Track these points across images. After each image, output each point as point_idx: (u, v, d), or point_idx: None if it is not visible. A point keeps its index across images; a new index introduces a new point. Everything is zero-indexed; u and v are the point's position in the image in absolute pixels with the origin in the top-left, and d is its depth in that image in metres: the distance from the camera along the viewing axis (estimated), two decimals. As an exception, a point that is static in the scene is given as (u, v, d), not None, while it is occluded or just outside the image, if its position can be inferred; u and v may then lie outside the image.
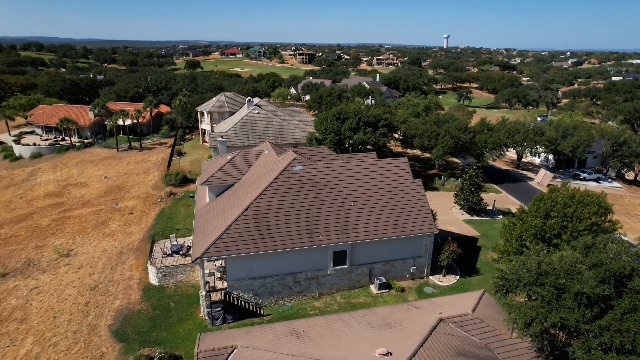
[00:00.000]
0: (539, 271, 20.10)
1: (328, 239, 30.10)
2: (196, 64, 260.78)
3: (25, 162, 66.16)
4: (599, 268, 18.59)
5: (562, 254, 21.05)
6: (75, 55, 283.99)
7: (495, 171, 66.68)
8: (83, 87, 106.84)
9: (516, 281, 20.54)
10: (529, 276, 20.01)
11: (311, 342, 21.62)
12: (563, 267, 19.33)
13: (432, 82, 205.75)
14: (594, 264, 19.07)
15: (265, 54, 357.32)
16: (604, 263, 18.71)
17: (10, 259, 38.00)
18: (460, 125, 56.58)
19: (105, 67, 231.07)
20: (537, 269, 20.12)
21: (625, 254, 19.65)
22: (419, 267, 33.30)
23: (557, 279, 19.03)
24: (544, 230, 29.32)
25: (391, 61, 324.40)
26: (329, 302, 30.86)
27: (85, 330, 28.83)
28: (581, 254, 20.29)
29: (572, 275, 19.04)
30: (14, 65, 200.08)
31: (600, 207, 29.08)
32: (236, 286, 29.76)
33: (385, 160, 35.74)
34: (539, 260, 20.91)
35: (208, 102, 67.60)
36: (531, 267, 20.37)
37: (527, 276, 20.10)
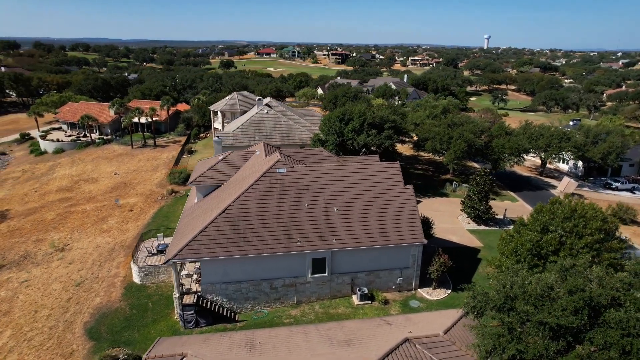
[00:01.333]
0: (510, 294, 18.01)
1: (306, 245, 28.81)
2: (230, 64, 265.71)
3: (49, 157, 68.84)
4: (573, 295, 16.35)
5: (541, 275, 18.86)
6: (117, 55, 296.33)
7: (515, 177, 62.95)
8: (114, 85, 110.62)
9: (484, 303, 18.52)
10: (497, 299, 17.95)
11: (261, 356, 20.50)
12: (535, 292, 17.18)
13: (467, 83, 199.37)
14: (570, 290, 16.81)
15: (299, 54, 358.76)
16: (579, 289, 16.43)
17: (11, 251, 39.17)
18: (475, 129, 53.60)
19: (143, 66, 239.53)
20: (506, 292, 18.03)
21: (611, 278, 17.26)
22: (407, 278, 31.38)
23: (526, 305, 16.92)
24: (540, 246, 26.75)
25: (426, 62, 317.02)
26: (306, 311, 29.57)
27: (61, 327, 29.00)
28: (559, 278, 18.01)
29: (544, 301, 16.88)
30: (60, 64, 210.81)
31: (604, 222, 26.19)
32: (210, 290, 29.05)
33: (376, 164, 34.00)
34: (512, 282, 18.80)
35: (221, 102, 67.81)
36: (500, 289, 18.30)
37: (496, 299, 18.06)
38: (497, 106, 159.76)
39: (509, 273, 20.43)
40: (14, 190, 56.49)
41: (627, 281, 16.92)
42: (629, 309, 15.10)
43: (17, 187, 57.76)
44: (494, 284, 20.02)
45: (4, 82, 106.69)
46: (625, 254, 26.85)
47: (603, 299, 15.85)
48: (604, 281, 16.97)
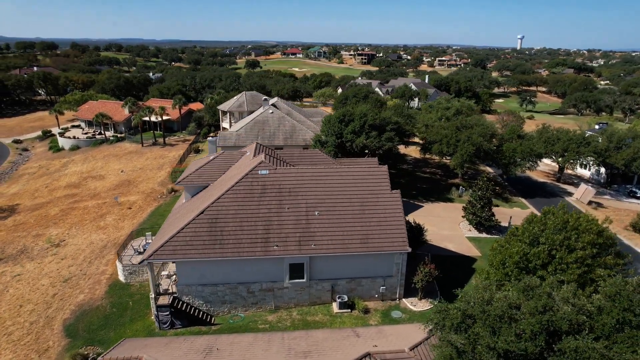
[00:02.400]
0: (468, 313, 16.66)
1: (283, 249, 28.03)
2: (256, 64, 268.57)
3: (65, 153, 70.95)
4: (531, 318, 14.88)
5: (507, 294, 17.39)
6: (147, 55, 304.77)
7: (529, 183, 60.05)
8: (136, 84, 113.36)
9: (442, 320, 17.24)
10: (455, 317, 16.64)
11: (214, 364, 19.86)
12: (495, 312, 15.77)
13: (494, 84, 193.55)
14: (531, 312, 15.33)
15: (324, 54, 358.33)
16: (539, 312, 14.93)
17: (11, 245, 40.26)
18: (484, 132, 51.33)
19: (171, 66, 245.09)
20: (464, 310, 16.69)
21: (579, 300, 15.63)
22: (390, 287, 30.08)
23: (482, 326, 15.55)
24: (528, 259, 24.94)
25: (454, 62, 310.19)
26: (283, 317, 28.80)
27: (42, 322, 29.38)
28: (523, 297, 16.49)
29: (502, 323, 15.46)
30: (93, 64, 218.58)
31: (599, 236, 24.14)
32: (186, 291, 28.73)
33: (362, 167, 32.81)
34: (475, 299, 17.43)
35: (229, 101, 67.96)
36: (459, 307, 16.98)
37: (453, 317, 16.74)
38: (525, 108, 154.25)
39: (479, 289, 19.08)
40: (27, 186, 58.40)
41: (597, 304, 15.25)
42: (587, 337, 13.53)
43: (30, 182, 59.70)
44: (461, 300, 18.75)
45: (34, 81, 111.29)
46: (624, 269, 24.63)
47: (564, 323, 14.31)
48: (571, 303, 15.38)
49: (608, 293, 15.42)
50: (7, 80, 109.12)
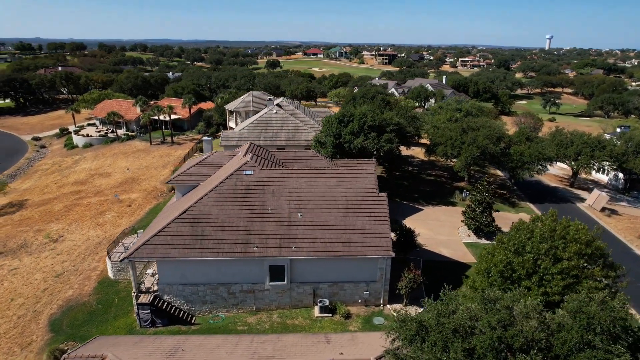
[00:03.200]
0: (424, 324, 15.88)
1: (263, 251, 27.69)
2: (276, 64, 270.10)
3: (78, 151, 72.82)
4: (482, 334, 14.01)
5: (470, 306, 16.50)
6: (170, 55, 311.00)
7: (540, 188, 57.89)
8: (153, 83, 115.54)
9: (397, 332, 16.51)
10: (409, 329, 15.89)
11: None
12: (448, 325, 14.96)
13: (517, 85, 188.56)
14: (484, 327, 14.44)
15: (345, 54, 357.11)
16: (492, 328, 14.04)
17: (13, 239, 41.40)
18: (490, 134, 49.68)
19: (193, 65, 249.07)
20: (420, 321, 15.92)
21: (538, 314, 14.63)
22: (374, 293, 29.32)
23: (434, 340, 14.77)
24: (513, 268, 23.78)
25: (477, 63, 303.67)
26: (263, 320, 28.47)
27: (29, 316, 29.97)
28: (481, 310, 15.59)
29: (454, 337, 14.63)
30: (117, 64, 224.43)
31: (587, 246, 22.77)
32: (167, 290, 28.76)
33: (349, 169, 32.16)
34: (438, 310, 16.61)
35: (235, 101, 68.24)
36: (416, 318, 16.21)
37: (408, 328, 16.00)
38: (548, 110, 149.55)
39: (445, 299, 18.23)
40: (39, 182, 60.14)
41: (557, 321, 14.23)
42: (535, 356, 12.59)
43: (42, 178, 61.46)
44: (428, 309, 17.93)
45: (56, 81, 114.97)
46: (616, 282, 23.17)
47: (517, 340, 13.39)
48: (531, 318, 14.40)
49: (570, 309, 14.37)
50: (32, 79, 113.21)
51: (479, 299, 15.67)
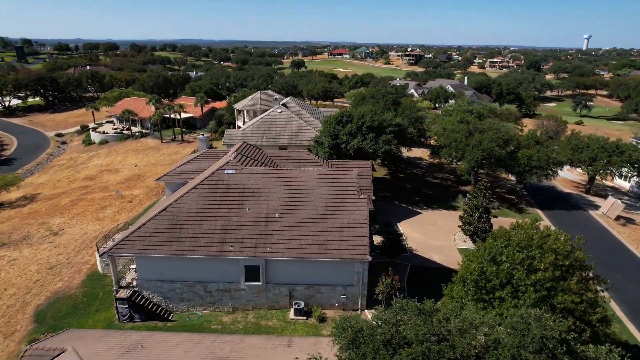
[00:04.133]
0: (361, 333, 15.27)
1: (238, 251, 27.57)
2: (301, 64, 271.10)
3: (94, 147, 75.18)
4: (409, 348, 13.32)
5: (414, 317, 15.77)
6: (198, 54, 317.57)
7: (551, 194, 55.42)
8: (174, 82, 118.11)
9: (336, 338, 15.97)
10: (347, 335, 15.34)
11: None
12: (380, 336, 14.31)
13: (546, 87, 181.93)
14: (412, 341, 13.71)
15: (371, 54, 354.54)
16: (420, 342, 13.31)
17: (18, 230, 43.03)
18: (497, 136, 47.86)
19: (219, 65, 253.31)
20: (357, 330, 15.32)
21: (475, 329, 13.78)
22: (351, 297, 28.68)
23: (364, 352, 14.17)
24: (487, 278, 22.67)
25: (506, 64, 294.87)
26: (238, 319, 28.36)
27: (18, 306, 30.98)
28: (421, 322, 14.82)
29: (385, 349, 13.98)
30: (146, 63, 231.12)
31: (565, 257, 21.44)
32: (146, 286, 29.08)
33: (331, 171, 31.61)
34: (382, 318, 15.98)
35: (243, 100, 68.72)
36: (355, 325, 15.63)
37: (346, 335, 15.44)
38: (579, 113, 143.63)
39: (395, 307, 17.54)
40: (53, 176, 62.41)
41: (493, 337, 13.33)
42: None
43: (57, 173, 63.74)
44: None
45: (82, 79, 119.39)
46: (595, 296, 21.69)
47: (442, 356, 12.64)
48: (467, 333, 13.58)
49: (509, 325, 13.44)
50: (60, 78, 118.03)
51: (414, 311, 14.90)
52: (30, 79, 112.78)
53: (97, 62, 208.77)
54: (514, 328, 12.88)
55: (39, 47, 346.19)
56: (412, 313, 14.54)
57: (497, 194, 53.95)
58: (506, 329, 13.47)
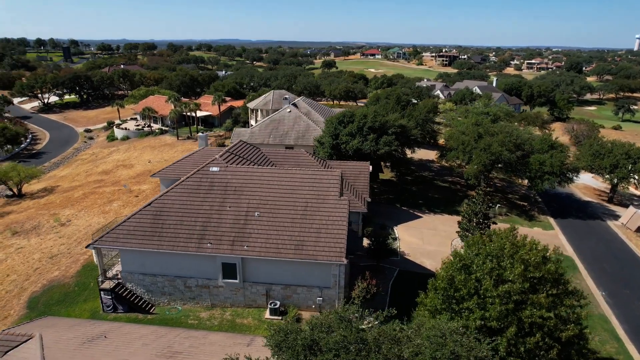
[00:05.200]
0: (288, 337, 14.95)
1: (215, 248, 27.80)
2: (332, 64, 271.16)
3: (116, 143, 78.11)
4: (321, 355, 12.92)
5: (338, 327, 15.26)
6: (231, 54, 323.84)
7: (569, 201, 52.60)
8: (201, 81, 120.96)
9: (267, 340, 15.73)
10: (272, 340, 15.08)
11: (80, 349, 20.32)
12: (301, 341, 13.97)
13: (586, 90, 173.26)
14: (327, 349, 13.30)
15: (404, 55, 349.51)
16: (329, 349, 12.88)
17: (31, 220, 45.24)
18: (506, 140, 45.89)
19: (252, 65, 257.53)
20: (286, 332, 15.03)
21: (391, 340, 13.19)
22: (328, 299, 28.28)
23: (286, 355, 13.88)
24: (456, 287, 21.72)
25: (544, 66, 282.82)
26: (215, 316, 28.62)
27: (15, 292, 32.54)
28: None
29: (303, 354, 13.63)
30: (181, 62, 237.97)
31: (536, 269, 20.19)
32: (129, 279, 29.85)
33: (314, 171, 31.26)
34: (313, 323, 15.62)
35: (257, 99, 69.33)
36: (283, 328, 15.34)
37: (273, 337, 15.19)
38: (621, 117, 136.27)
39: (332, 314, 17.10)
40: (74, 170, 65.30)
41: (412, 350, 12.69)
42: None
43: (78, 167, 66.65)
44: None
45: (114, 78, 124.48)
46: (569, 311, 20.26)
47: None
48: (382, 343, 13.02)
49: (424, 337, 12.75)
50: (94, 76, 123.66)
51: (335, 318, 14.43)
52: (67, 78, 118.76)
53: (134, 62, 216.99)
54: (430, 341, 12.20)
55: (84, 47, 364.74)
56: (335, 320, 14.09)
57: (509, 200, 51.82)
58: (423, 342, 12.79)
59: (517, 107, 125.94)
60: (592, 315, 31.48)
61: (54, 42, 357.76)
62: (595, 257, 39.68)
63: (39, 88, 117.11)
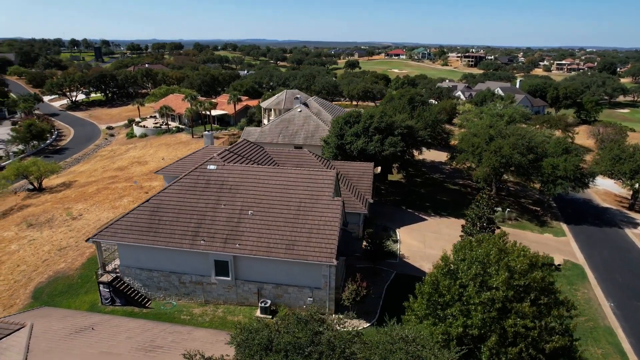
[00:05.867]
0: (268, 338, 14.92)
1: (208, 245, 28.10)
2: (355, 64, 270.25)
3: (134, 140, 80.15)
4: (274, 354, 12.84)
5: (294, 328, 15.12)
6: (256, 54, 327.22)
7: (585, 207, 50.62)
8: (221, 80, 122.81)
9: (232, 338, 15.75)
10: (235, 339, 15.11)
11: (66, 340, 20.89)
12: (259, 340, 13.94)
13: (619, 92, 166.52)
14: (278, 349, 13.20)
15: (429, 55, 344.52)
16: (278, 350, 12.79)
17: (46, 214, 46.95)
18: (518, 143, 44.52)
19: (275, 65, 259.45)
20: (249, 331, 15.03)
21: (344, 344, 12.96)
22: (319, 300, 28.13)
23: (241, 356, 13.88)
24: (440, 293, 21.21)
25: (575, 66, 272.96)
26: (207, 312, 28.96)
27: (23, 282, 33.83)
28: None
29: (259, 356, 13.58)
30: (206, 62, 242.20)
31: (522, 276, 19.47)
32: (126, 273, 30.54)
33: (309, 171, 31.11)
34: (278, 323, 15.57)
35: (270, 99, 69.75)
36: (245, 326, 15.34)
37: (235, 335, 15.21)
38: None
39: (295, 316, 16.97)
40: (92, 166, 67.39)
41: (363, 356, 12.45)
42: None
43: (97, 163, 68.75)
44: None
45: (138, 77, 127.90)
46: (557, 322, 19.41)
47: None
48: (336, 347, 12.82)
49: (374, 344, 12.45)
50: (119, 75, 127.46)
51: (293, 321, 14.31)
52: (93, 76, 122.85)
53: (160, 61, 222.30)
54: (378, 347, 11.93)
55: (115, 47, 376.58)
56: (290, 321, 13.99)
57: (521, 204, 50.31)
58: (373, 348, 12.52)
59: (541, 109, 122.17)
60: (597, 327, 30.28)
61: (87, 42, 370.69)
62: (608, 266, 38.03)
63: (67, 86, 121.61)
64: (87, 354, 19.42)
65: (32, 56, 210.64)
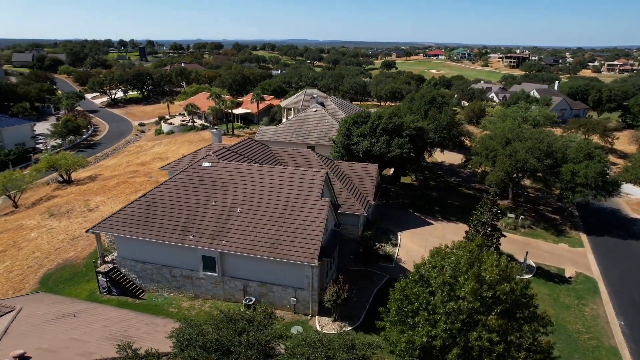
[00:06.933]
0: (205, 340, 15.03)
1: (196, 240, 28.67)
2: (391, 65, 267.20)
3: (161, 137, 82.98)
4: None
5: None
6: (293, 54, 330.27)
7: (611, 217, 47.36)
8: (252, 80, 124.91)
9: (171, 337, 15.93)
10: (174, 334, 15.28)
11: (48, 324, 21.89)
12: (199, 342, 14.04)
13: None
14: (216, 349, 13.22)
15: (468, 55, 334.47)
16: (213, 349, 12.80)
17: (67, 204, 49.54)
18: (535, 147, 42.29)
19: (312, 65, 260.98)
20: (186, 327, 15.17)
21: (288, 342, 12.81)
22: (302, 300, 28.02)
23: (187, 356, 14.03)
24: (409, 299, 20.53)
25: (629, 67, 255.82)
26: (195, 306, 29.57)
27: (34, 268, 35.89)
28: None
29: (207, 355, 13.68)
30: (244, 62, 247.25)
31: (490, 287, 18.47)
32: (123, 264, 31.70)
33: (299, 170, 30.95)
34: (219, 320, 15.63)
35: (289, 98, 70.09)
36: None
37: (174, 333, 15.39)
38: None
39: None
40: (118, 160, 70.41)
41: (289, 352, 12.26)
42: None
43: (123, 158, 71.76)
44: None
45: (172, 76, 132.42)
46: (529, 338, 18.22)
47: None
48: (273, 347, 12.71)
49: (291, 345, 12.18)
50: (154, 74, 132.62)
51: (222, 317, 14.26)
52: (131, 75, 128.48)
53: (199, 60, 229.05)
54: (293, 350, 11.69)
55: (159, 47, 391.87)
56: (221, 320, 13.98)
57: (539, 211, 47.83)
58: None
59: (582, 112, 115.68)
60: (600, 346, 28.32)
61: (134, 42, 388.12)
62: (625, 282, 35.41)
63: (107, 84, 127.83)
64: (58, 339, 20.28)
65: (81, 56, 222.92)
